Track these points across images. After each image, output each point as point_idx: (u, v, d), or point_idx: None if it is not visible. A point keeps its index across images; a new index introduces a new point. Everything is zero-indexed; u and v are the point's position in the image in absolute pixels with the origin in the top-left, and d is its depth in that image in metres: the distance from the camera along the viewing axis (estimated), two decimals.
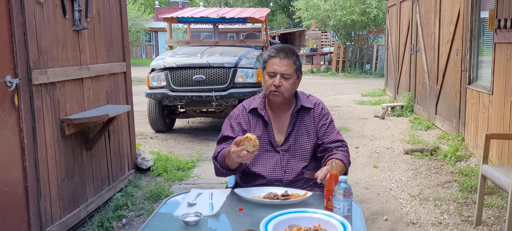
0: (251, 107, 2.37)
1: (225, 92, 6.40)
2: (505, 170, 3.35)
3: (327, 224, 1.70)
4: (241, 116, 2.38)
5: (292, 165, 2.29)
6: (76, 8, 3.51)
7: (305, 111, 2.36)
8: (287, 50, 2.29)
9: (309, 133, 2.33)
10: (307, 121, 2.35)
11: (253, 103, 2.39)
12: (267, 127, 2.33)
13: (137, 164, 4.92)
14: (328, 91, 13.28)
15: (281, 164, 2.29)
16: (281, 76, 2.25)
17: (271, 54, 2.30)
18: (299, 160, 2.31)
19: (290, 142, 2.31)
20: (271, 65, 2.28)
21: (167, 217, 1.97)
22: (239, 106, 2.44)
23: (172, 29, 12.64)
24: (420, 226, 3.68)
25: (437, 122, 7.11)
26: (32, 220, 2.99)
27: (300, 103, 2.35)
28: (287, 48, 2.31)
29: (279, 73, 2.25)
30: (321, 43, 25.31)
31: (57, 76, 3.26)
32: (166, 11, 33.27)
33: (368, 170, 5.19)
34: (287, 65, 2.26)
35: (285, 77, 2.25)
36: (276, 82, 2.24)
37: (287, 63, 2.26)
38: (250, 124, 2.36)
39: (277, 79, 2.24)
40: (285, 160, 2.30)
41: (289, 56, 2.28)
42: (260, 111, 2.34)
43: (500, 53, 4.68)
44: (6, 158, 2.77)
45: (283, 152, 2.31)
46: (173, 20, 8.27)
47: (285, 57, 2.27)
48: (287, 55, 2.27)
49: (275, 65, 2.26)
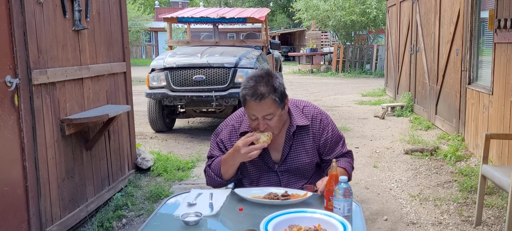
0: (241, 130, 2.21)
1: (225, 92, 6.40)
2: (505, 170, 3.35)
3: (327, 224, 1.70)
4: (228, 139, 2.22)
5: (292, 184, 2.21)
6: (76, 8, 3.51)
7: (301, 129, 2.20)
8: (261, 90, 2.00)
9: (308, 151, 2.21)
10: (305, 139, 2.21)
11: (243, 125, 2.22)
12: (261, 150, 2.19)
13: (137, 164, 4.92)
14: (328, 91, 13.27)
15: (281, 185, 2.21)
16: (264, 118, 2.05)
17: (246, 96, 2.02)
18: (299, 178, 2.25)
19: (289, 163, 2.21)
20: (249, 108, 2.05)
21: (167, 217, 1.97)
22: (228, 126, 2.26)
23: (172, 29, 12.65)
24: (420, 226, 3.68)
25: (437, 122, 7.11)
26: (32, 220, 2.99)
27: (295, 123, 2.17)
28: (261, 86, 2.01)
29: (260, 117, 2.05)
30: (321, 43, 25.32)
31: (57, 76, 3.26)
32: (166, 11, 33.28)
33: (368, 170, 5.19)
34: (267, 108, 2.02)
35: (268, 118, 2.06)
36: (261, 127, 2.06)
37: (266, 104, 2.01)
38: None
39: (261, 123, 2.06)
40: (284, 180, 2.23)
41: (266, 96, 2.00)
42: None
43: (500, 53, 4.68)
44: (6, 158, 2.77)
45: (282, 173, 2.23)
46: (173, 20, 8.27)
47: (260, 99, 1.99)
48: (264, 96, 1.99)
49: (253, 110, 2.04)
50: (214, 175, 2.20)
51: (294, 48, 32.16)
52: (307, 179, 2.26)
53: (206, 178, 2.26)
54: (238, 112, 2.31)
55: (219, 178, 2.18)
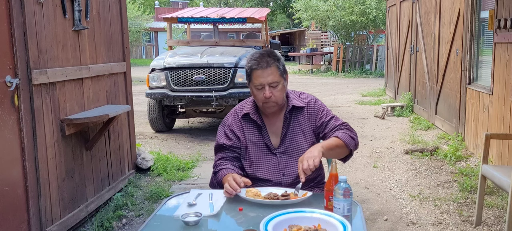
0: (243, 112, 2.33)
1: (225, 92, 6.41)
2: (505, 170, 3.35)
3: (327, 224, 1.70)
4: (233, 123, 2.35)
5: (290, 167, 2.28)
6: (76, 8, 3.51)
7: (298, 110, 2.32)
8: (267, 58, 2.20)
9: (305, 132, 2.30)
10: (301, 120, 2.31)
11: (244, 108, 2.35)
12: (261, 131, 2.30)
13: (137, 164, 4.92)
14: (328, 91, 13.27)
15: (279, 167, 2.28)
16: (270, 86, 2.19)
17: (252, 66, 2.21)
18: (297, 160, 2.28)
19: (286, 144, 2.29)
20: (256, 78, 2.20)
21: (167, 217, 1.97)
22: (231, 112, 2.40)
23: (172, 29, 12.64)
24: (420, 226, 3.68)
25: (437, 122, 7.11)
26: (32, 220, 2.99)
27: (291, 103, 2.30)
28: (266, 55, 2.22)
29: (266, 84, 2.18)
30: (321, 43, 25.33)
31: (57, 76, 3.26)
32: (166, 11, 33.27)
33: (368, 170, 5.19)
34: (272, 74, 2.19)
35: (274, 86, 2.20)
36: (267, 94, 2.18)
37: (271, 71, 2.19)
38: (244, 129, 2.32)
39: (267, 90, 2.18)
40: (283, 162, 2.28)
41: (271, 64, 2.19)
42: (252, 116, 2.31)
43: (500, 53, 4.68)
44: (6, 158, 2.77)
45: (280, 154, 2.29)
46: (173, 20, 8.27)
47: (267, 66, 2.18)
48: (269, 63, 2.19)
49: (260, 77, 2.19)
50: (217, 185, 2.28)
51: (294, 48, 32.16)
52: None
53: (210, 181, 2.36)
54: (242, 102, 2.44)
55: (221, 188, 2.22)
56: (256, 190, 2.08)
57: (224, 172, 2.24)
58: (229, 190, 2.03)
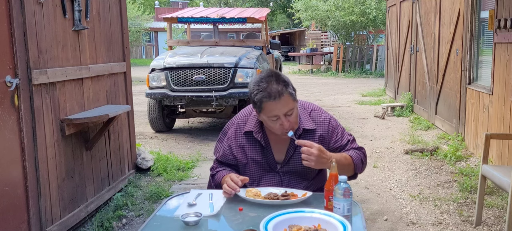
0: (245, 130, 2.21)
1: (225, 92, 6.40)
2: (505, 170, 3.35)
3: (327, 224, 1.70)
4: (233, 138, 2.24)
5: (293, 186, 2.19)
6: (76, 8, 3.51)
7: (307, 132, 2.18)
8: (277, 86, 2.00)
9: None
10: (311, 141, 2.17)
11: (247, 124, 2.21)
12: (264, 150, 2.20)
13: (137, 164, 4.92)
14: (328, 91, 13.27)
15: (282, 185, 2.20)
16: (285, 115, 2.03)
17: (263, 99, 2.00)
18: (301, 180, 2.24)
19: (291, 165, 2.20)
20: (270, 111, 2.02)
21: (167, 217, 1.97)
22: (234, 123, 2.28)
23: (172, 29, 12.64)
24: (420, 226, 3.68)
25: (437, 122, 7.11)
26: (32, 220, 2.99)
27: (302, 126, 2.16)
28: (274, 82, 2.01)
29: (282, 115, 2.02)
30: (321, 43, 25.33)
31: (57, 76, 3.26)
32: (166, 11, 33.27)
33: (368, 170, 5.19)
34: (286, 102, 2.01)
35: (289, 114, 2.04)
36: (285, 125, 2.03)
37: (285, 100, 2.00)
38: (245, 146, 2.22)
39: (284, 121, 2.03)
40: (286, 181, 2.22)
41: (283, 93, 2.00)
42: (255, 136, 2.18)
43: (500, 53, 4.68)
44: (6, 158, 2.77)
45: (284, 173, 2.22)
46: (173, 20, 8.27)
47: (279, 96, 1.99)
48: (281, 93, 1.99)
49: (274, 110, 2.00)
50: (215, 187, 2.25)
51: (294, 48, 32.16)
52: (308, 181, 2.25)
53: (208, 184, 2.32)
54: (244, 111, 2.30)
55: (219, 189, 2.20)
56: (256, 190, 2.08)
57: (222, 173, 2.22)
58: (228, 190, 2.02)
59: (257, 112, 2.10)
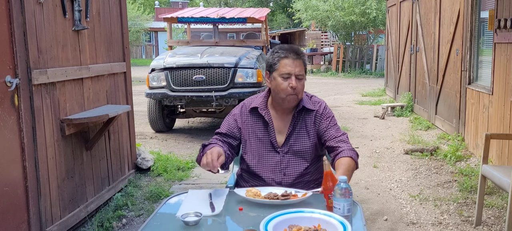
0: (252, 106, 2.34)
1: (225, 92, 6.41)
2: (505, 170, 3.35)
3: (327, 224, 1.70)
4: (239, 114, 2.36)
5: (292, 166, 2.28)
6: (76, 8, 3.51)
7: (307, 112, 2.32)
8: (296, 50, 2.25)
9: (309, 133, 2.30)
10: (308, 122, 2.32)
11: (253, 102, 2.36)
12: (267, 128, 2.30)
13: (137, 164, 4.92)
14: (328, 91, 13.27)
15: (281, 166, 2.28)
16: (296, 77, 2.21)
17: (281, 55, 2.24)
18: (300, 161, 2.29)
19: (290, 143, 2.29)
20: (284, 66, 2.21)
21: (167, 217, 1.97)
22: (240, 104, 2.42)
23: (172, 29, 12.64)
24: (420, 226, 3.68)
25: (437, 122, 7.11)
26: (32, 220, 2.99)
27: (303, 104, 2.31)
28: (295, 48, 2.27)
29: (294, 75, 2.20)
30: (321, 43, 25.31)
31: (57, 76, 3.26)
32: (166, 11, 33.27)
33: (368, 170, 5.19)
34: (300, 66, 2.23)
35: (299, 78, 2.22)
36: (293, 84, 2.19)
37: (299, 63, 2.23)
38: (248, 123, 2.33)
39: (293, 80, 2.20)
40: (285, 161, 2.28)
41: (299, 57, 2.24)
42: (260, 111, 2.31)
43: (500, 53, 4.68)
44: (6, 158, 2.77)
45: (283, 153, 2.29)
46: (173, 20, 8.27)
47: (296, 57, 2.23)
48: (298, 55, 2.24)
49: (288, 66, 2.21)
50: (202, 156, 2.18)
51: None
52: (307, 162, 2.30)
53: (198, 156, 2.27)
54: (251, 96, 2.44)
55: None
56: (256, 190, 2.08)
57: (211, 146, 2.20)
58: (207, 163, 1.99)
59: (270, 73, 2.27)
